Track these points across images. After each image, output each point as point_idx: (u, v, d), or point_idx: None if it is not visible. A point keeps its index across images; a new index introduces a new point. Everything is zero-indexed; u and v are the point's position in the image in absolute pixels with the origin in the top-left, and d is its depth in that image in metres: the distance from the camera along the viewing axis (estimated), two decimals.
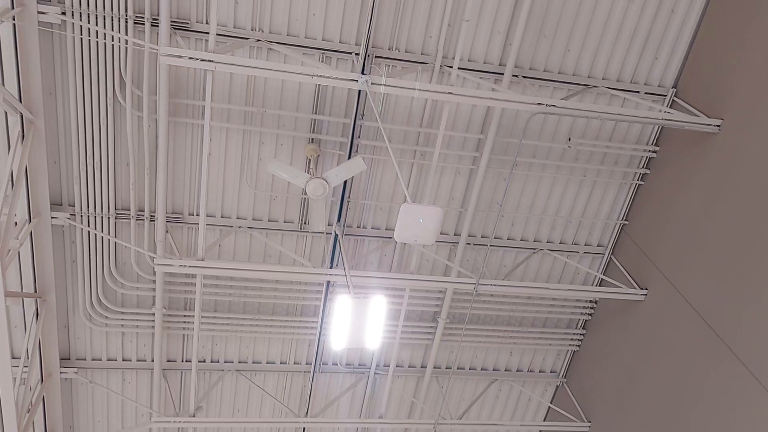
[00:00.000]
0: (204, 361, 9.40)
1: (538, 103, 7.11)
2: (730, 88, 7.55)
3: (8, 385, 6.46)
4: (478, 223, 9.02)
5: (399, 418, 10.38)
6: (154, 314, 8.67)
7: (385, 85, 6.65)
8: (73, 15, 6.69)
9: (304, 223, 8.56)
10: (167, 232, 8.24)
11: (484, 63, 7.93)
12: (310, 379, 9.62)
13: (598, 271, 9.62)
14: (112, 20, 6.80)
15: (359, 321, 6.86)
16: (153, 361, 9.12)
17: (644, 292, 8.67)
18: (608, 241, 9.48)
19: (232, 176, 8.08)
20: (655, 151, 8.76)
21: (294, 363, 9.73)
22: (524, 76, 8.05)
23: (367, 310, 6.82)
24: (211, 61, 6.28)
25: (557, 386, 10.76)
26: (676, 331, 8.06)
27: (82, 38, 6.85)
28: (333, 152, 8.11)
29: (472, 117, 8.21)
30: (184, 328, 8.93)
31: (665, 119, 7.46)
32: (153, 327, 8.81)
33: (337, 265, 8.76)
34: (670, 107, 8.43)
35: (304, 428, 10.19)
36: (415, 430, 10.78)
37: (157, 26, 6.94)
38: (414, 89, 6.76)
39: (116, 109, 7.38)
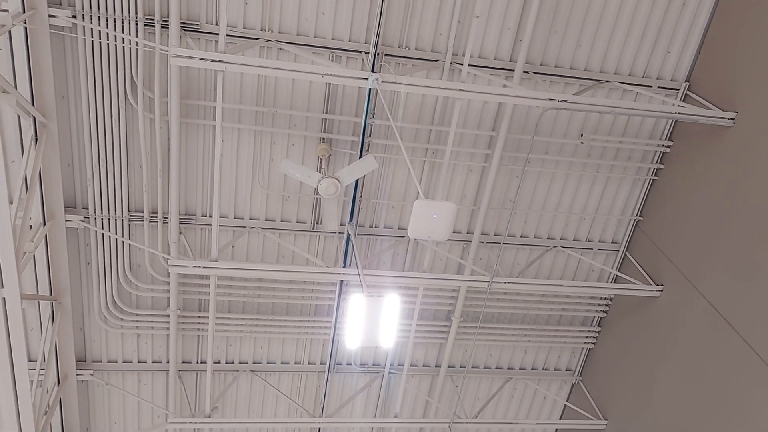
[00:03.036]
0: (219, 362, 9.42)
1: (550, 99, 7.07)
2: (743, 80, 7.47)
3: (25, 387, 6.49)
4: (490, 221, 8.98)
5: (414, 418, 10.36)
6: (168, 316, 8.70)
7: (395, 83, 6.64)
8: (83, 18, 6.72)
9: (317, 223, 8.56)
10: (180, 233, 8.26)
11: (495, 59, 7.89)
12: (325, 379, 9.62)
13: (612, 268, 9.55)
14: (123, 23, 6.83)
15: (373, 320, 6.84)
16: (168, 362, 9.15)
17: (660, 288, 8.60)
18: (622, 238, 9.41)
19: (245, 177, 8.09)
20: (668, 146, 8.68)
21: (308, 363, 9.73)
22: (535, 72, 8.01)
23: (380, 309, 6.79)
24: (222, 61, 6.30)
25: (573, 384, 10.70)
26: (692, 327, 7.98)
27: (93, 41, 6.88)
28: (344, 151, 8.11)
29: (483, 114, 8.18)
30: (198, 329, 8.96)
31: (678, 113, 7.39)
32: (168, 328, 8.84)
33: (350, 265, 8.75)
34: (683, 101, 8.35)
35: (319, 428, 10.19)
36: (430, 429, 10.75)
37: (167, 28, 6.96)
38: (425, 86, 6.75)
39: (128, 111, 7.41)
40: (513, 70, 7.91)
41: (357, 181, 8.15)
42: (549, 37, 7.86)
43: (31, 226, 7.43)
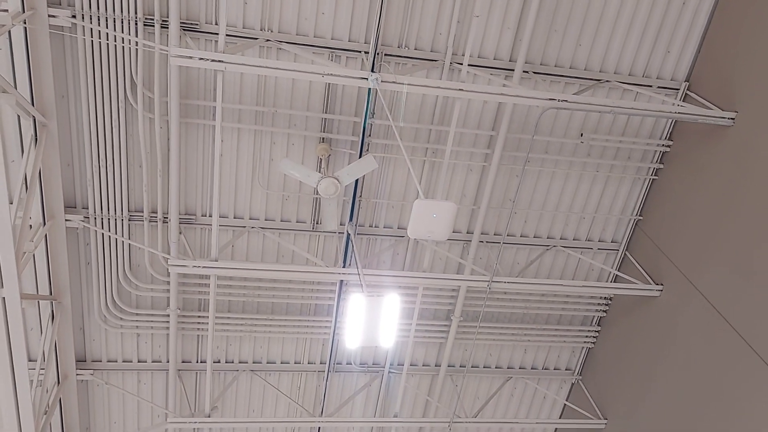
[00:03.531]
0: (219, 362, 9.43)
1: (550, 99, 7.07)
2: (743, 80, 7.47)
3: (25, 387, 6.50)
4: (490, 221, 8.98)
5: (414, 417, 10.37)
6: (168, 315, 8.71)
7: (395, 83, 6.63)
8: (83, 18, 6.72)
9: (317, 223, 8.56)
10: (180, 233, 8.26)
11: (495, 59, 7.89)
12: (325, 378, 9.62)
13: (612, 268, 9.56)
14: (122, 22, 6.83)
15: (373, 320, 6.84)
16: (168, 362, 9.15)
17: (659, 287, 8.60)
18: (622, 237, 9.41)
19: (244, 176, 8.09)
20: (668, 146, 8.68)
21: (308, 363, 9.74)
22: (535, 72, 8.01)
23: (380, 308, 6.80)
24: (221, 61, 6.29)
25: (572, 383, 10.70)
26: (692, 326, 7.98)
27: (92, 41, 6.88)
28: (344, 151, 8.10)
29: (483, 114, 8.18)
30: (198, 329, 8.96)
31: (678, 113, 7.39)
32: (167, 328, 8.84)
33: (350, 265, 8.75)
34: (683, 101, 8.36)
35: (319, 427, 10.19)
36: (430, 428, 10.76)
37: (167, 28, 6.96)
38: (425, 86, 6.75)
39: (128, 111, 7.41)
40: (513, 70, 7.91)
41: (357, 180, 8.15)
42: (549, 37, 7.86)
43: (31, 225, 7.43)
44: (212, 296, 7.91)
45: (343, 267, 8.66)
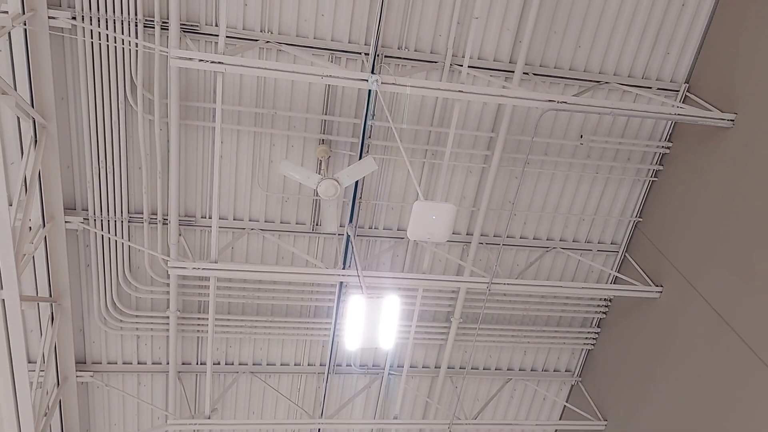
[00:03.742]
0: (218, 364, 9.42)
1: (550, 100, 7.07)
2: (743, 81, 7.48)
3: (25, 389, 6.49)
4: (490, 222, 8.98)
5: (414, 419, 10.36)
6: (168, 317, 8.70)
7: (395, 84, 6.64)
8: (83, 19, 6.72)
9: (316, 225, 8.56)
10: (180, 235, 8.26)
11: (494, 61, 7.90)
12: (325, 380, 9.62)
13: (612, 269, 9.56)
14: (122, 24, 6.83)
15: (373, 321, 6.84)
16: (168, 363, 9.15)
17: (659, 289, 8.60)
18: (622, 239, 9.41)
19: (244, 178, 8.09)
20: (668, 147, 8.69)
21: (308, 364, 9.73)
22: (535, 73, 8.02)
23: (380, 310, 6.79)
24: (221, 62, 6.30)
25: (572, 385, 10.70)
26: (692, 328, 7.98)
27: (92, 42, 6.88)
28: (344, 153, 8.11)
29: (482, 115, 8.18)
30: (198, 331, 8.96)
31: (678, 114, 7.39)
32: (167, 330, 8.84)
33: (349, 266, 8.75)
34: (682, 102, 8.36)
35: (319, 429, 10.18)
36: (430, 430, 10.75)
37: (167, 29, 6.96)
38: (425, 88, 6.76)
39: (128, 112, 7.41)
40: (512, 71, 7.91)
41: (356, 182, 8.15)
42: (548, 38, 7.86)
43: (30, 227, 7.43)
44: (212, 298, 7.91)
45: (343, 269, 8.67)
